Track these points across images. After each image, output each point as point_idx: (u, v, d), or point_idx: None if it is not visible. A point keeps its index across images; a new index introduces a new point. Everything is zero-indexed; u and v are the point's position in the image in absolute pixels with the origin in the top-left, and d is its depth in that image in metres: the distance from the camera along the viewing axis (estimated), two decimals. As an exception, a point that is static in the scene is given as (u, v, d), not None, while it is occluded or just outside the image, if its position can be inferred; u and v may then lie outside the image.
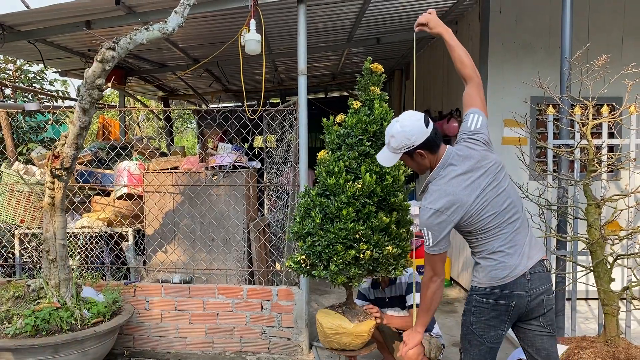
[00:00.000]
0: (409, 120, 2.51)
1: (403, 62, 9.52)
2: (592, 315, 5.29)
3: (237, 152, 5.10)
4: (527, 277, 2.44)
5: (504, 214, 2.46)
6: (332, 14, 5.72)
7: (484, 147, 2.54)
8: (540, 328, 2.54)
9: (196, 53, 6.99)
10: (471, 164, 2.48)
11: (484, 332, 2.52)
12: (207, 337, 4.53)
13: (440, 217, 2.43)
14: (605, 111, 3.65)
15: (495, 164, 2.51)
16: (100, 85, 3.51)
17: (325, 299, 6.03)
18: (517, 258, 2.44)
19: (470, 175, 2.46)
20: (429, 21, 2.81)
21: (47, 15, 4.79)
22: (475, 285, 2.54)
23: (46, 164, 3.73)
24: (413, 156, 2.55)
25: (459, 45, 2.75)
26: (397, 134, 2.50)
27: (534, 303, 2.47)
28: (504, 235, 2.45)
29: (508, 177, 2.57)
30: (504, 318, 2.49)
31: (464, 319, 2.60)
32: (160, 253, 4.94)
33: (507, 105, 5.49)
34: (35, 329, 3.52)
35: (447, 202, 2.42)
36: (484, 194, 2.44)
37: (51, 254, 3.82)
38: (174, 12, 3.62)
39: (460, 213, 2.42)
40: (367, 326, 3.16)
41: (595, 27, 5.54)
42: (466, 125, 2.62)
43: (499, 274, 2.44)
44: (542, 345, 2.55)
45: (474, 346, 2.56)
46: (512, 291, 2.44)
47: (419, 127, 2.49)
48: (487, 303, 2.48)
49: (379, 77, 3.31)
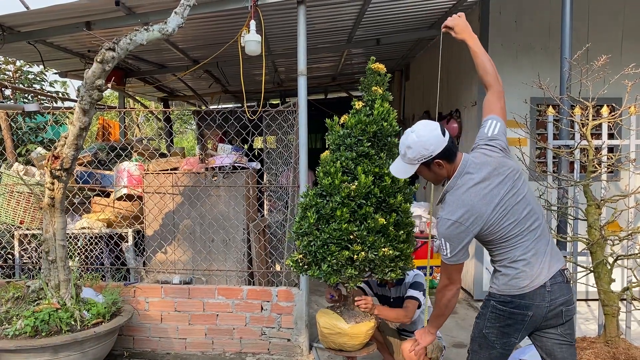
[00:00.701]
0: (425, 129, 2.45)
1: (403, 64, 9.52)
2: (592, 316, 5.29)
3: (237, 153, 5.10)
4: (547, 287, 2.39)
5: (524, 222, 2.41)
6: (332, 14, 5.72)
7: (501, 154, 2.49)
8: (559, 337, 2.48)
9: (196, 54, 6.99)
10: (488, 171, 2.42)
11: (496, 338, 2.49)
12: (207, 338, 4.52)
13: (459, 228, 2.38)
14: (605, 112, 3.65)
15: (513, 171, 2.46)
16: (100, 85, 3.51)
17: (325, 301, 6.01)
18: (538, 267, 2.39)
19: (488, 183, 2.40)
20: (456, 25, 2.77)
21: (47, 16, 4.79)
22: (493, 292, 2.50)
23: (46, 164, 3.73)
24: (430, 167, 2.49)
25: (483, 52, 2.72)
26: (414, 144, 2.44)
27: (552, 314, 2.43)
28: (526, 243, 2.40)
29: (527, 184, 2.51)
30: (519, 327, 2.45)
31: (477, 322, 2.58)
32: (160, 254, 4.94)
33: (507, 106, 5.33)
34: (34, 330, 3.52)
35: (466, 212, 2.37)
36: (503, 202, 2.39)
37: (51, 255, 3.81)
38: (174, 12, 3.62)
39: (480, 224, 2.38)
40: (365, 327, 3.14)
41: (594, 29, 5.54)
42: (483, 131, 2.58)
43: (519, 283, 2.40)
44: (562, 354, 2.49)
45: (485, 349, 2.53)
46: (530, 301, 2.39)
47: (436, 136, 2.43)
48: (504, 310, 2.45)
49: (382, 77, 3.29)
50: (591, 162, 3.51)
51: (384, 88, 3.30)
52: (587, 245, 3.47)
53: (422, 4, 5.62)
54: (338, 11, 5.60)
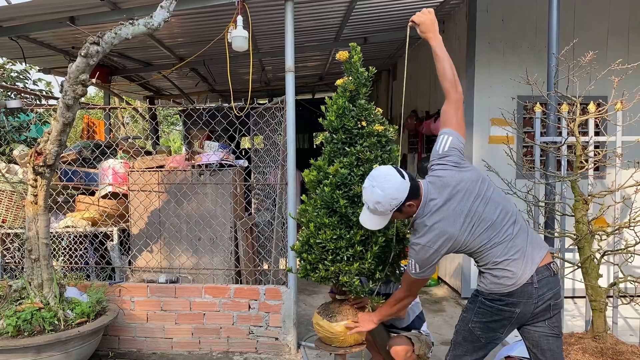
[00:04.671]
0: (386, 181, 2.40)
1: (390, 63, 9.53)
2: (578, 313, 5.32)
3: (223, 151, 5.05)
4: (534, 284, 2.41)
5: (499, 223, 2.44)
6: (319, 12, 5.70)
7: (454, 170, 2.51)
8: (547, 329, 2.51)
9: (182, 51, 6.93)
10: (448, 191, 2.46)
11: (482, 333, 2.51)
12: (194, 337, 4.47)
13: (429, 252, 2.44)
14: (592, 108, 3.67)
15: (472, 182, 2.48)
16: (84, 80, 3.45)
17: (314, 299, 5.99)
18: (521, 263, 2.41)
19: (450, 203, 2.44)
20: (422, 23, 2.74)
21: (30, 10, 4.70)
22: (481, 290, 2.52)
23: (28, 161, 3.66)
24: (402, 210, 2.47)
25: (446, 57, 2.69)
26: (382, 198, 2.40)
27: (540, 309, 2.45)
28: (505, 243, 2.43)
29: (492, 185, 2.54)
30: (506, 323, 2.47)
31: (464, 315, 2.59)
32: (146, 253, 4.87)
33: (494, 103, 5.52)
34: (17, 330, 3.45)
35: (434, 236, 2.42)
36: (471, 214, 2.43)
37: (34, 254, 3.74)
38: (159, 6, 3.58)
39: (448, 244, 2.44)
40: (340, 328, 3.02)
41: (580, 27, 5.59)
42: (435, 149, 2.61)
43: (506, 281, 2.42)
44: (548, 346, 2.52)
45: (469, 342, 2.55)
46: (518, 299, 2.41)
47: (398, 182, 2.40)
48: (492, 307, 2.47)
49: (348, 64, 3.04)
50: (579, 158, 3.53)
51: (355, 77, 3.02)
52: (575, 240, 3.49)
53: (409, 2, 5.62)
54: (325, 8, 5.58)
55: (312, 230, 2.89)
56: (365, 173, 2.81)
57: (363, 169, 2.86)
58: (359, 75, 2.99)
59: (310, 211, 2.97)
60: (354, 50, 3.03)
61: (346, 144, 2.96)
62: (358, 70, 2.99)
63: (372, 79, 3.09)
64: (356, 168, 2.86)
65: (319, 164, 3.01)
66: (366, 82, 3.01)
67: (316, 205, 2.94)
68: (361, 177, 2.82)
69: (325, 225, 2.84)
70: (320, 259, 2.89)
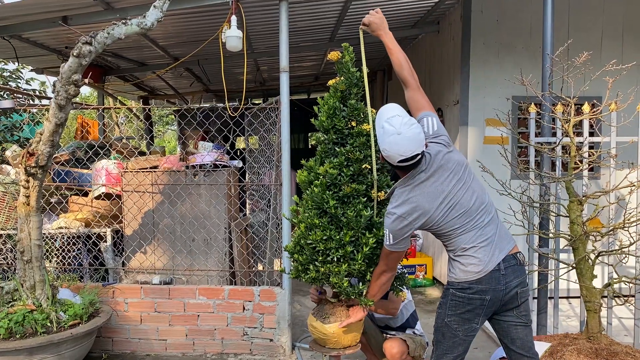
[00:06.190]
0: (409, 126, 2.41)
1: (385, 63, 9.51)
2: (573, 313, 5.33)
3: (218, 151, 5.03)
4: (502, 271, 2.49)
5: (473, 211, 2.50)
6: (314, 12, 5.69)
7: (445, 150, 2.55)
8: (515, 318, 2.60)
9: (177, 51, 6.90)
10: (434, 168, 2.49)
11: (458, 325, 2.57)
12: (188, 339, 4.45)
13: (403, 223, 2.47)
14: (586, 109, 3.67)
15: (458, 165, 2.53)
16: (76, 80, 3.42)
17: (309, 300, 5.98)
18: (489, 250, 2.49)
19: (433, 180, 2.48)
20: (371, 23, 2.84)
21: (23, 10, 4.66)
22: (451, 281, 2.58)
23: (20, 161, 3.63)
24: (402, 167, 2.49)
25: (398, 49, 2.80)
26: (414, 135, 2.40)
27: (509, 296, 2.53)
28: (474, 231, 2.50)
29: (472, 174, 2.60)
30: (479, 312, 2.53)
31: (439, 312, 2.64)
32: (140, 254, 4.84)
33: (489, 104, 5.52)
34: (9, 332, 3.43)
35: (410, 209, 2.46)
36: (450, 197, 2.47)
37: (26, 255, 3.71)
38: (153, 6, 3.55)
39: (423, 220, 2.48)
40: (333, 329, 2.97)
41: (575, 28, 5.60)
42: (425, 130, 2.61)
43: (474, 268, 2.49)
44: (517, 335, 2.61)
45: (448, 338, 2.60)
46: (487, 285, 2.48)
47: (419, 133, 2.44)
48: (463, 297, 2.53)
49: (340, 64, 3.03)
50: (573, 159, 3.53)
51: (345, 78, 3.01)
52: (569, 241, 3.48)
53: (404, 3, 5.61)
54: (320, 8, 5.57)
55: (303, 231, 2.88)
56: (354, 173, 2.82)
57: (353, 169, 2.85)
58: (351, 76, 2.99)
59: (301, 212, 2.97)
60: (346, 50, 3.03)
61: (337, 144, 2.95)
62: (349, 70, 3.00)
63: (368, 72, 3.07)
64: (346, 168, 2.85)
65: (310, 164, 3.00)
66: (357, 82, 3.01)
67: (307, 205, 2.93)
68: (351, 177, 2.82)
69: (316, 226, 2.83)
70: (311, 259, 2.88)
